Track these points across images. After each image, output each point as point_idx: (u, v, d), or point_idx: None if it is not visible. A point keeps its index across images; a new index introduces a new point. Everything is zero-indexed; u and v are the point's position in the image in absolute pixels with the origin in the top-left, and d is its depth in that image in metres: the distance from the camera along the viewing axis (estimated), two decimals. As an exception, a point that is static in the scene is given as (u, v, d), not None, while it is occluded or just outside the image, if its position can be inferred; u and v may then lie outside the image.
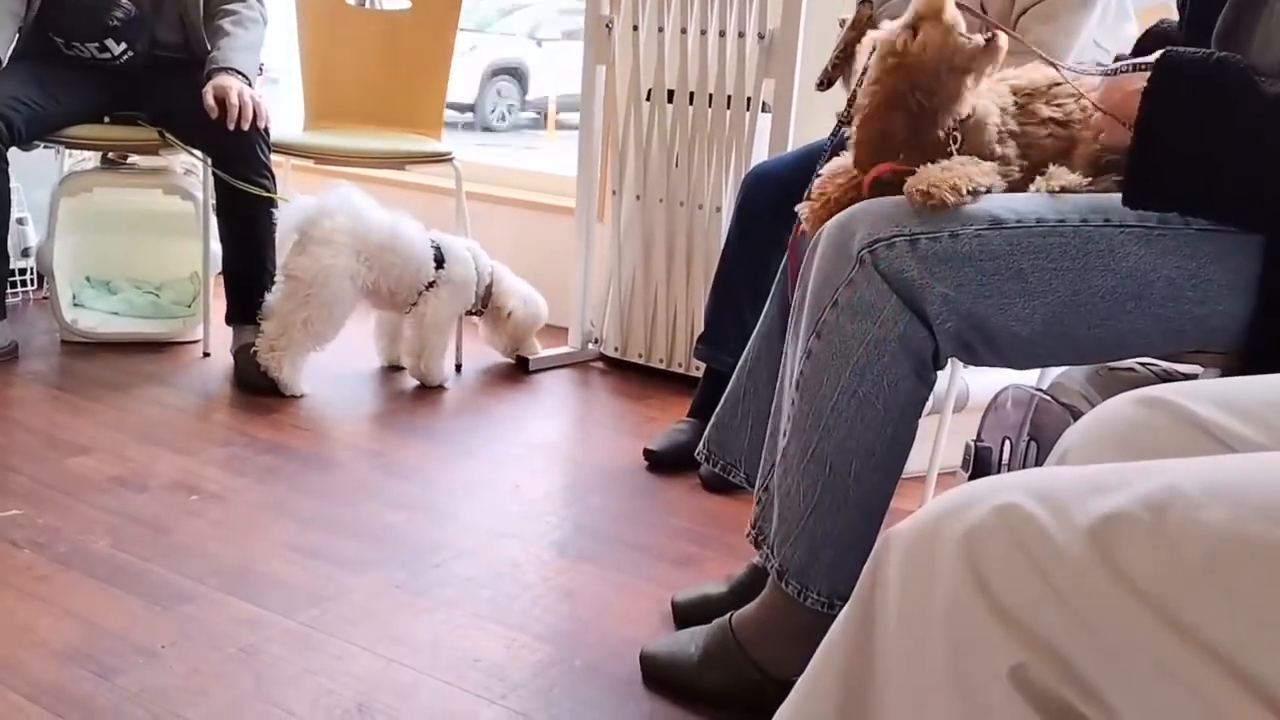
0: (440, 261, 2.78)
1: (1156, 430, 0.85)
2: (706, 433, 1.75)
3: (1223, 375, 1.35)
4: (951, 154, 1.39)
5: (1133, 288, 1.28)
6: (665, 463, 2.36)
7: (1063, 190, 1.34)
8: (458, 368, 3.00)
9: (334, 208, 2.65)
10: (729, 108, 2.75)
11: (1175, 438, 0.84)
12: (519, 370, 3.02)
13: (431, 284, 2.77)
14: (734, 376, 1.72)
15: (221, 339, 2.89)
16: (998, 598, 0.66)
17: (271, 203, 2.74)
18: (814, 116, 2.51)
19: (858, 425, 1.37)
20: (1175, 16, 1.55)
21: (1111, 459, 0.83)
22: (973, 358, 1.37)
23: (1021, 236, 1.29)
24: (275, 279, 2.70)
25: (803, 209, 1.54)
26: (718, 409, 1.74)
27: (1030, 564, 0.66)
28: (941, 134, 1.39)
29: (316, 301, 2.62)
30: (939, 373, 1.40)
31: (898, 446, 1.41)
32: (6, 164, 2.72)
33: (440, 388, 2.82)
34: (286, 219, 2.64)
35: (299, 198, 2.70)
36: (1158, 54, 1.26)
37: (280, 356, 2.64)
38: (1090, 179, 1.38)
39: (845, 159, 1.54)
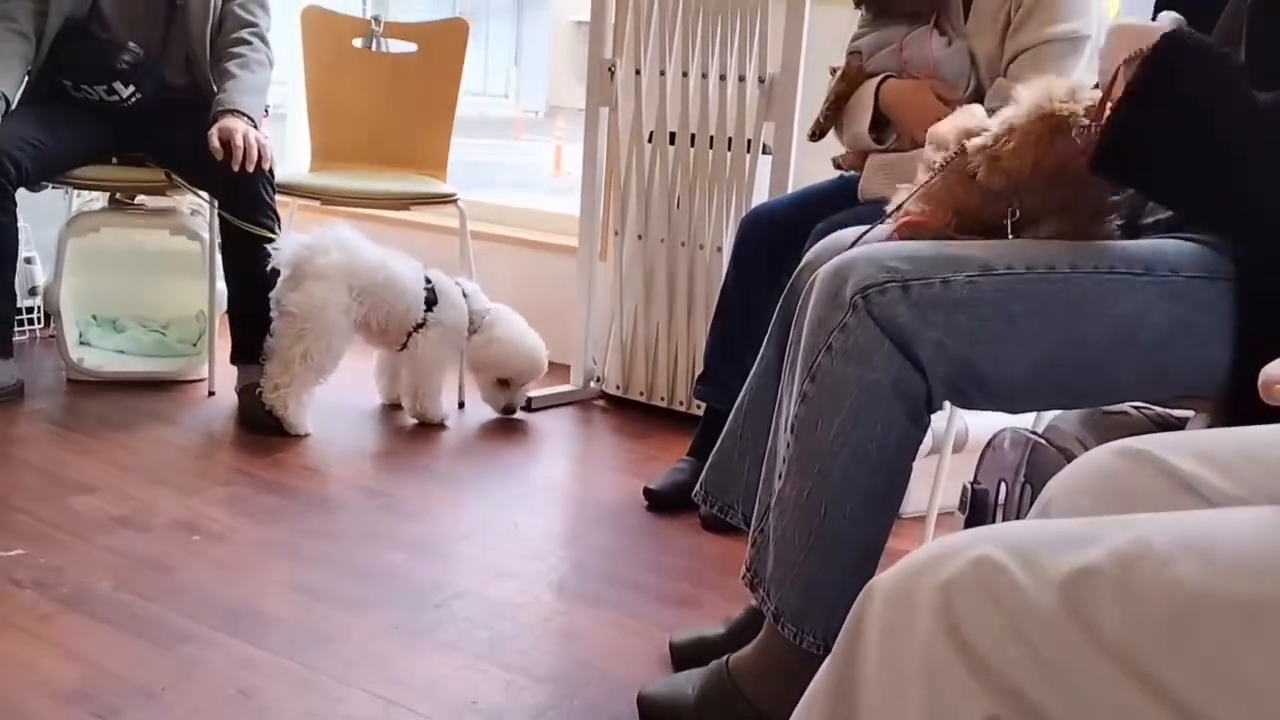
0: (432, 303, 2.80)
1: (1135, 482, 0.87)
2: (704, 474, 1.76)
3: (1212, 420, 1.37)
4: (1007, 226, 1.42)
5: (1123, 334, 1.29)
6: (665, 502, 2.37)
7: (1050, 236, 1.36)
8: (460, 405, 3.02)
9: (327, 244, 2.69)
10: (730, 150, 2.78)
11: (1153, 489, 0.85)
12: (521, 409, 3.03)
13: (422, 324, 2.79)
14: (730, 418, 1.73)
15: (227, 378, 2.91)
16: (973, 649, 0.67)
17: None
18: (814, 159, 2.53)
19: (852, 468, 1.38)
20: None
21: (1092, 509, 0.85)
22: (965, 402, 1.39)
23: (1013, 283, 1.31)
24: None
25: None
26: (715, 450, 1.75)
27: (1004, 616, 0.67)
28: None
29: (312, 335, 2.65)
30: (936, 415, 1.41)
31: (892, 489, 1.42)
32: (15, 204, 2.75)
33: (441, 426, 2.84)
34: (280, 256, 2.67)
35: (293, 235, 2.73)
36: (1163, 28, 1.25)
37: (285, 395, 2.66)
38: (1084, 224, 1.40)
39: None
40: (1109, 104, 1.26)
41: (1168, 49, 1.23)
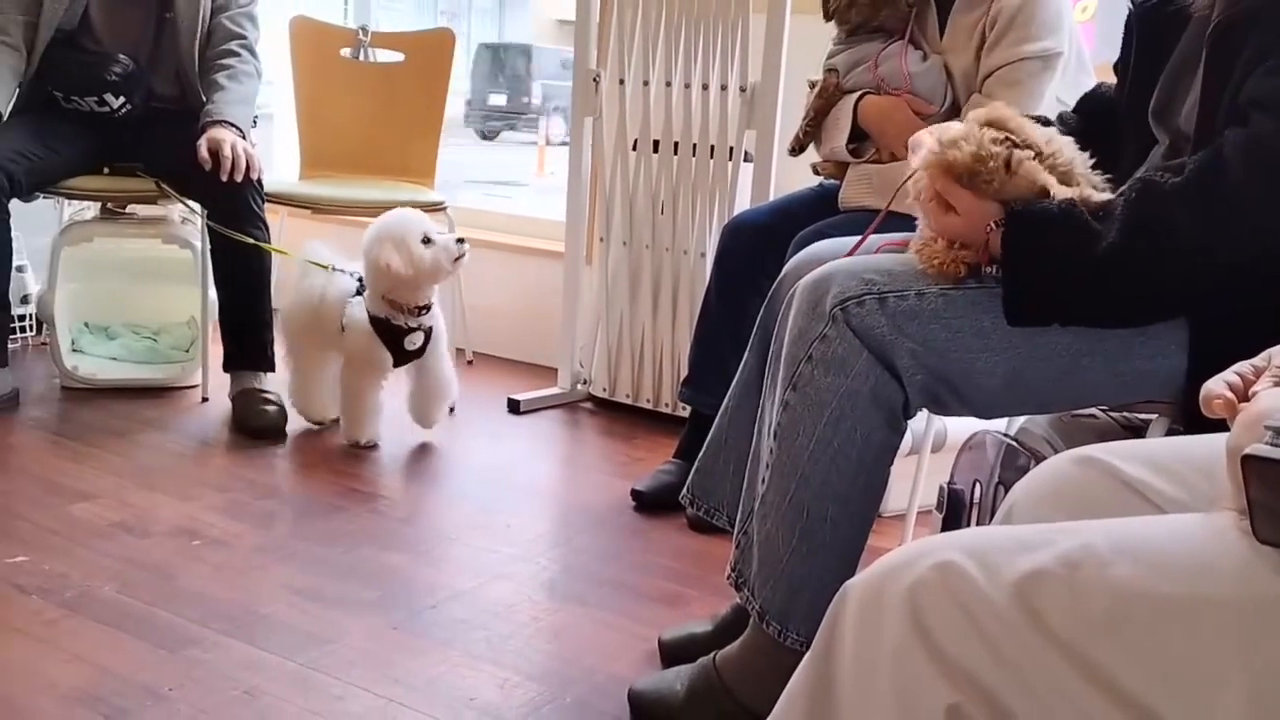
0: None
1: (1091, 488, 0.94)
2: (690, 477, 1.83)
3: (1172, 423, 1.44)
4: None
5: (1087, 344, 1.37)
6: (652, 503, 2.43)
7: None
8: (450, 410, 3.07)
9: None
10: (712, 157, 2.84)
11: (1107, 495, 0.93)
12: (510, 411, 3.09)
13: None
14: (715, 424, 1.80)
15: (219, 384, 2.96)
16: (937, 644, 0.74)
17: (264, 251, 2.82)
18: (795, 166, 2.60)
19: (833, 474, 1.44)
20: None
21: (1052, 513, 0.92)
22: (941, 408, 1.46)
23: (983, 296, 1.38)
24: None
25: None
26: (700, 455, 1.82)
27: (964, 615, 0.74)
28: None
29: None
30: (914, 418, 1.48)
31: (871, 493, 1.48)
32: (8, 215, 2.79)
33: (373, 445, 2.75)
34: None
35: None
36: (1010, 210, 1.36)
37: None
38: None
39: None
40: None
41: (1016, 226, 1.34)
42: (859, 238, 1.66)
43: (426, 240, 2.61)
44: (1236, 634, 0.70)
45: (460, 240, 2.64)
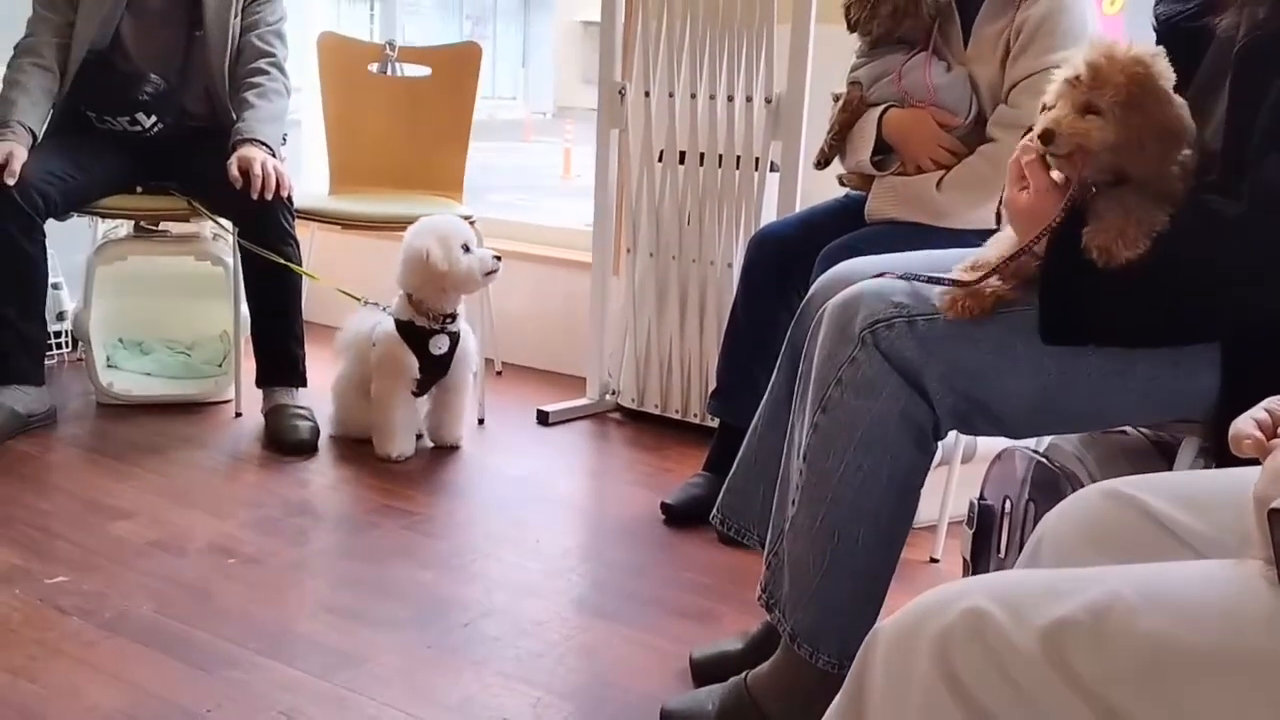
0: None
1: (1119, 523, 0.95)
2: (720, 497, 1.83)
3: (1204, 442, 1.44)
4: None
5: (1118, 365, 1.36)
6: (682, 516, 2.44)
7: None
8: (480, 422, 3.09)
9: None
10: (738, 169, 2.84)
11: (1136, 530, 0.93)
12: (539, 423, 3.10)
13: None
14: (744, 443, 1.80)
15: (253, 399, 2.99)
16: (965, 691, 0.75)
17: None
18: (821, 176, 2.60)
19: (863, 496, 1.45)
20: None
21: (1080, 547, 0.93)
22: (971, 429, 1.46)
23: (1013, 319, 1.38)
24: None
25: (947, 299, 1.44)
26: (730, 475, 1.82)
27: (992, 662, 0.75)
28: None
29: None
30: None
31: (901, 514, 1.49)
32: (44, 236, 2.83)
33: (404, 459, 2.77)
34: None
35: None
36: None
37: None
38: None
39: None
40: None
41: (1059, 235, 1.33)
42: (888, 256, 1.66)
43: (466, 249, 2.70)
44: (1265, 686, 0.70)
45: (497, 258, 2.73)
